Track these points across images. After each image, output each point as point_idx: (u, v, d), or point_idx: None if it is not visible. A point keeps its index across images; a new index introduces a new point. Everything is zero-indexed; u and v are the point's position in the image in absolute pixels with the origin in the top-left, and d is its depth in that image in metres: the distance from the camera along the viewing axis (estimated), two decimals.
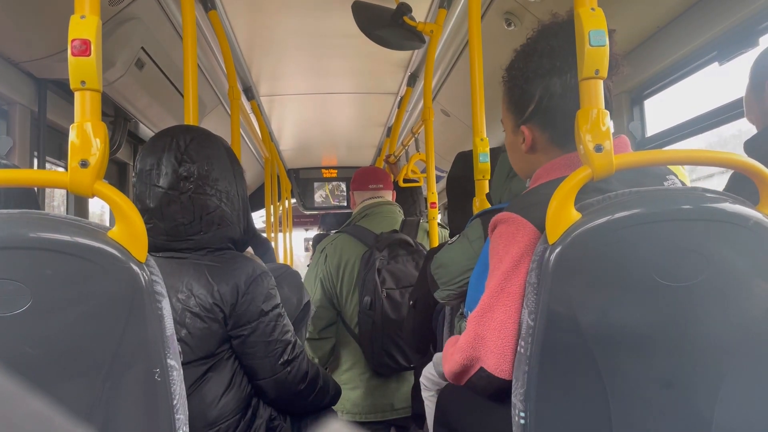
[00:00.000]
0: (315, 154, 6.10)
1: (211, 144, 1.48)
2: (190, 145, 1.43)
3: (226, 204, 1.46)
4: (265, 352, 1.45)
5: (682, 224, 0.98)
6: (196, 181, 1.41)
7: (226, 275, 1.41)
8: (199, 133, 1.48)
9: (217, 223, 1.44)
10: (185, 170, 1.41)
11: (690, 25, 1.96)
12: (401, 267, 2.49)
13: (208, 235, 1.43)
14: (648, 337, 0.97)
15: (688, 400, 0.99)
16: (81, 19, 0.91)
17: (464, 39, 2.98)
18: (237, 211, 1.49)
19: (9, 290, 0.89)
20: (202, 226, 1.42)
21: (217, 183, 1.44)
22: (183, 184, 1.40)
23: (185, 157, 1.41)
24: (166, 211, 1.40)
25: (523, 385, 1.01)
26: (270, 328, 1.46)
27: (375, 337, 2.44)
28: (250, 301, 1.42)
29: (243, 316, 1.41)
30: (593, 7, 0.99)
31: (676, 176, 1.19)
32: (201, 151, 1.44)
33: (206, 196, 1.42)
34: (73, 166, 0.91)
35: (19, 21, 2.05)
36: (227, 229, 1.47)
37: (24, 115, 2.38)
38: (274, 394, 1.50)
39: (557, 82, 1.18)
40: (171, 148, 1.42)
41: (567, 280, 0.97)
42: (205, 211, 1.42)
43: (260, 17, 2.85)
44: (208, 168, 1.43)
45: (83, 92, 0.91)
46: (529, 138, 1.27)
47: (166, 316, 0.98)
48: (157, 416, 0.97)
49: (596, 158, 0.97)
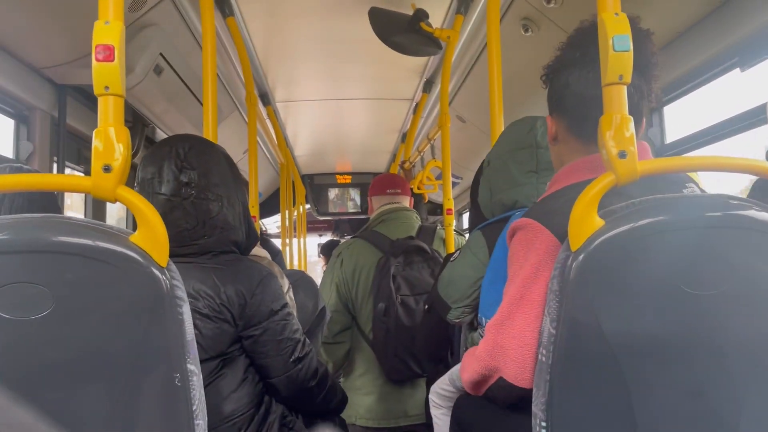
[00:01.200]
0: (329, 160, 6.11)
1: (209, 151, 1.51)
2: (189, 153, 1.46)
3: (228, 208, 1.48)
4: (277, 351, 1.48)
5: (708, 232, 0.97)
6: (197, 186, 1.44)
7: (233, 277, 1.43)
8: (197, 141, 1.52)
9: (221, 227, 1.47)
10: (186, 177, 1.44)
11: (710, 30, 1.93)
12: (416, 274, 2.48)
13: (212, 239, 1.46)
14: (673, 346, 0.96)
15: (713, 410, 0.97)
16: (105, 24, 0.92)
17: (481, 45, 2.98)
18: (238, 215, 1.52)
19: (31, 294, 0.89)
20: (205, 231, 1.45)
21: (218, 188, 1.47)
22: (185, 190, 1.43)
23: (185, 164, 1.45)
24: (169, 217, 1.41)
25: (544, 394, 0.99)
26: (280, 327, 1.49)
27: (389, 344, 2.43)
28: (259, 302, 1.45)
29: (253, 317, 1.44)
30: (617, 11, 0.98)
31: (696, 184, 1.17)
32: (200, 158, 1.47)
33: (208, 201, 1.45)
34: (96, 170, 0.91)
35: (39, 27, 2.07)
36: (230, 233, 1.49)
37: (44, 121, 2.41)
38: (286, 391, 1.53)
39: (578, 73, 1.19)
40: (171, 156, 1.45)
41: (590, 288, 0.95)
42: (208, 215, 1.45)
43: (277, 23, 2.86)
44: (207, 174, 1.46)
45: (106, 97, 0.92)
46: (552, 128, 1.28)
47: (186, 321, 0.97)
48: (177, 421, 0.96)
49: (620, 164, 0.96)
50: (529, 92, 2.99)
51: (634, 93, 1.14)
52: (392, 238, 2.57)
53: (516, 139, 1.64)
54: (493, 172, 1.67)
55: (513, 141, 1.64)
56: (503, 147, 1.67)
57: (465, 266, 1.62)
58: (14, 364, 0.90)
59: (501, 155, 1.66)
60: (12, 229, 0.91)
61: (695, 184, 1.16)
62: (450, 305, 1.65)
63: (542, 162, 1.59)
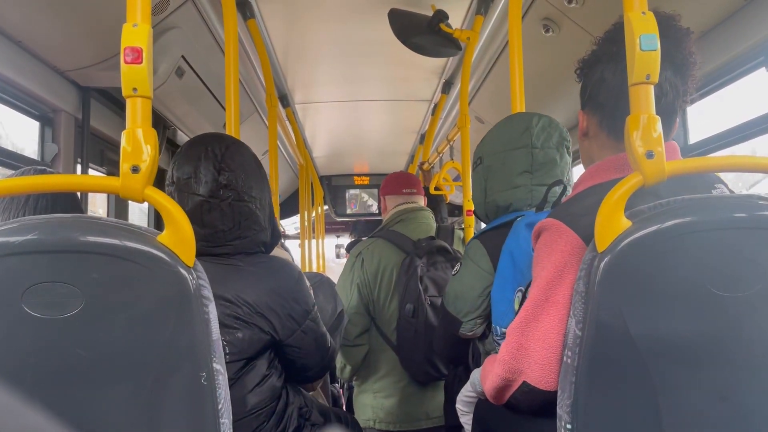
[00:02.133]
0: (347, 161, 6.13)
1: (244, 152, 1.53)
2: (226, 154, 1.48)
3: (260, 209, 1.51)
4: (316, 347, 1.55)
5: (736, 233, 0.95)
6: (235, 188, 1.46)
7: (271, 277, 1.47)
8: (232, 142, 1.54)
9: (254, 229, 1.49)
10: (224, 178, 1.45)
11: (735, 30, 1.91)
12: (441, 274, 2.46)
13: (246, 241, 1.48)
14: (702, 349, 0.94)
15: (743, 414, 0.96)
16: (133, 27, 0.93)
17: (500, 45, 2.97)
18: (267, 216, 1.55)
19: (62, 293, 0.91)
20: (240, 232, 1.47)
21: (252, 190, 1.49)
22: (223, 191, 1.44)
23: (223, 165, 1.46)
24: (206, 218, 1.43)
25: (570, 396, 0.99)
26: (317, 323, 1.55)
27: (417, 345, 2.40)
28: (296, 303, 1.49)
29: (292, 320, 1.47)
30: (644, 11, 0.97)
31: (726, 184, 1.16)
32: (236, 159, 1.49)
33: (244, 203, 1.47)
34: (125, 171, 0.92)
35: (64, 30, 2.10)
36: (262, 234, 1.52)
37: (68, 123, 2.45)
38: (315, 377, 1.62)
39: (612, 67, 1.17)
40: (208, 156, 1.46)
41: (617, 290, 0.95)
42: (244, 217, 1.47)
43: (297, 25, 2.87)
44: (244, 176, 1.48)
45: (135, 99, 0.93)
46: (583, 123, 1.27)
47: (212, 320, 0.98)
48: (203, 420, 0.97)
49: (647, 164, 0.95)
50: (550, 93, 2.98)
51: (669, 90, 1.13)
52: (413, 238, 2.55)
53: (511, 139, 1.63)
54: (487, 171, 1.67)
55: (508, 140, 1.64)
56: (497, 145, 1.66)
57: (470, 278, 1.61)
58: (43, 362, 0.92)
59: (496, 154, 1.66)
60: (41, 229, 0.92)
61: (724, 185, 1.14)
62: (461, 319, 1.63)
63: (536, 162, 1.60)
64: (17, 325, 0.90)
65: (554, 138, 1.62)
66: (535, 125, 1.62)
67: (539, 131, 1.61)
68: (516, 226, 1.45)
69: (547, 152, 1.61)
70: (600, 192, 1.01)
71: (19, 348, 0.91)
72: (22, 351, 0.91)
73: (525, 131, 1.62)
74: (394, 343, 2.49)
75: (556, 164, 1.61)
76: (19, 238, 0.90)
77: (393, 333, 2.49)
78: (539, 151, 1.60)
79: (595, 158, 1.24)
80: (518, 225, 1.44)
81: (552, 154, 1.61)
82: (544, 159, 1.60)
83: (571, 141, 1.65)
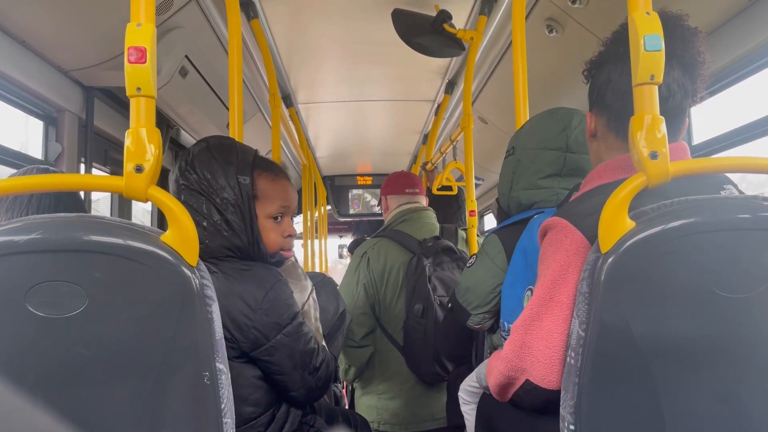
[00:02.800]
0: (350, 162, 6.13)
1: (223, 151, 1.45)
2: (198, 156, 1.42)
3: (232, 213, 1.41)
4: (293, 365, 1.39)
5: (740, 234, 0.95)
6: (199, 190, 1.40)
7: (238, 286, 1.35)
8: (212, 142, 1.47)
9: (222, 232, 1.40)
10: (185, 180, 1.40)
11: (741, 28, 1.90)
12: (448, 274, 2.45)
13: (214, 245, 1.40)
14: (705, 350, 0.94)
15: (745, 416, 0.95)
16: (137, 27, 0.93)
17: (504, 45, 2.96)
18: (246, 221, 1.44)
19: (65, 292, 0.91)
20: (206, 236, 1.39)
21: (223, 191, 1.41)
22: (184, 194, 1.40)
23: (188, 167, 1.41)
24: None
25: (573, 396, 0.98)
26: (296, 339, 1.39)
27: (427, 346, 2.38)
28: (264, 315, 1.35)
29: (257, 332, 1.34)
30: (648, 11, 0.97)
31: (735, 185, 1.15)
32: (208, 161, 1.42)
33: (210, 205, 1.40)
34: (129, 171, 0.92)
35: (68, 30, 2.11)
36: (234, 239, 1.42)
37: (72, 122, 2.45)
38: (306, 399, 1.47)
39: (619, 68, 1.17)
40: (180, 156, 1.43)
41: (620, 291, 0.94)
42: (209, 219, 1.39)
43: (300, 25, 2.88)
44: (211, 177, 1.40)
45: (138, 98, 0.93)
46: (591, 124, 1.27)
47: (215, 320, 0.98)
48: (206, 419, 0.97)
49: (651, 165, 0.95)
50: (554, 93, 2.97)
51: (677, 91, 1.13)
52: (418, 238, 2.54)
53: (546, 137, 1.57)
54: (517, 165, 1.62)
55: (543, 138, 1.58)
56: (531, 141, 1.61)
57: (483, 272, 1.60)
58: (47, 361, 0.92)
59: (528, 150, 1.60)
60: (45, 228, 0.93)
61: (734, 186, 1.14)
62: (470, 312, 1.63)
63: (568, 166, 1.55)
64: (20, 324, 0.90)
65: None
66: (575, 127, 1.55)
67: (578, 134, 1.55)
68: (532, 223, 1.43)
69: (581, 157, 1.55)
70: (606, 192, 1.01)
71: (23, 347, 0.91)
72: (26, 350, 0.91)
73: (562, 131, 1.55)
74: (400, 344, 2.47)
75: (587, 170, 1.52)
76: (23, 237, 0.91)
77: (399, 333, 2.47)
78: (573, 156, 1.54)
79: (603, 159, 1.24)
80: (534, 223, 1.42)
81: (585, 159, 1.54)
82: (576, 164, 1.55)
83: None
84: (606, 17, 2.24)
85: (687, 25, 1.14)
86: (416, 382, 2.49)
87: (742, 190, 1.15)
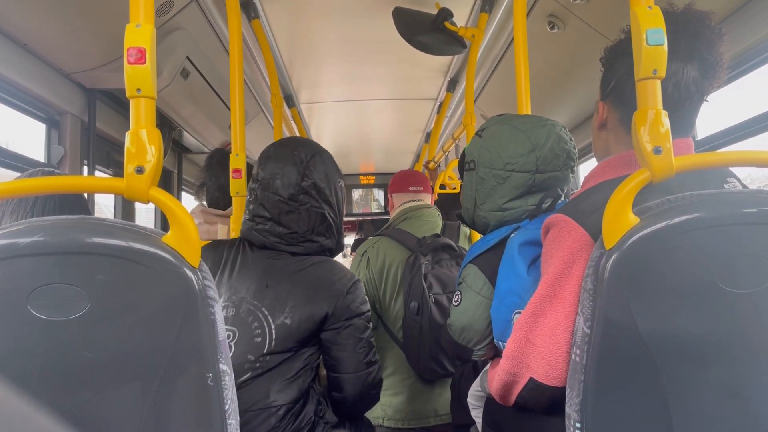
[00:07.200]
0: (353, 161, 6.12)
1: (327, 161, 1.64)
2: (311, 161, 1.58)
3: (333, 218, 1.62)
4: (353, 349, 1.58)
5: (745, 228, 0.94)
6: (315, 195, 1.58)
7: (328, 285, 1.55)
8: (318, 150, 1.64)
9: (325, 235, 1.61)
10: (306, 184, 1.56)
11: (747, 20, 1.89)
12: (446, 272, 2.45)
13: (315, 245, 1.60)
14: (711, 346, 0.93)
15: (752, 411, 0.95)
16: (136, 28, 0.93)
17: (505, 43, 2.95)
18: (339, 225, 1.66)
19: (67, 295, 0.91)
20: (313, 236, 1.59)
21: (330, 198, 1.61)
22: (303, 196, 1.55)
23: (307, 172, 1.56)
24: (284, 218, 1.55)
25: (578, 394, 0.98)
26: (362, 327, 1.60)
27: (423, 343, 2.39)
28: (349, 303, 1.56)
29: (341, 315, 1.55)
30: (650, 5, 0.96)
31: (738, 179, 1.14)
32: (319, 167, 1.59)
33: (321, 210, 1.59)
34: (129, 172, 0.92)
35: (69, 33, 2.11)
36: (329, 241, 1.64)
37: (75, 125, 2.45)
38: (351, 390, 1.60)
39: None
40: (294, 161, 1.56)
41: (625, 287, 0.94)
42: (318, 223, 1.59)
43: (301, 25, 2.87)
44: (324, 184, 1.59)
45: (138, 100, 0.93)
46: (603, 114, 1.25)
47: (218, 321, 0.98)
48: (210, 421, 0.97)
49: (655, 160, 0.94)
50: (556, 90, 2.96)
51: (695, 92, 1.12)
52: (418, 236, 2.55)
53: (514, 159, 1.47)
54: (480, 183, 1.54)
55: (510, 159, 1.48)
56: (497, 161, 1.50)
57: (474, 308, 1.50)
58: (50, 364, 0.92)
59: (493, 170, 1.51)
60: (47, 230, 0.92)
61: (737, 180, 1.13)
62: (471, 348, 1.59)
63: (537, 186, 1.48)
64: (24, 327, 0.90)
65: (561, 159, 1.48)
66: (543, 145, 1.46)
67: (547, 153, 1.46)
68: (509, 246, 1.36)
69: (551, 176, 1.48)
70: (609, 188, 1.00)
71: (26, 349, 0.91)
72: (29, 352, 0.91)
73: (530, 152, 1.46)
74: (401, 341, 2.49)
75: (557, 184, 1.50)
76: (26, 239, 0.90)
77: (399, 331, 2.49)
78: (542, 176, 1.47)
79: (611, 150, 1.23)
80: (511, 245, 1.36)
81: (555, 176, 1.49)
82: (545, 183, 1.48)
83: (576, 151, 1.54)
84: (608, 13, 2.23)
85: (713, 25, 1.11)
86: (418, 379, 2.51)
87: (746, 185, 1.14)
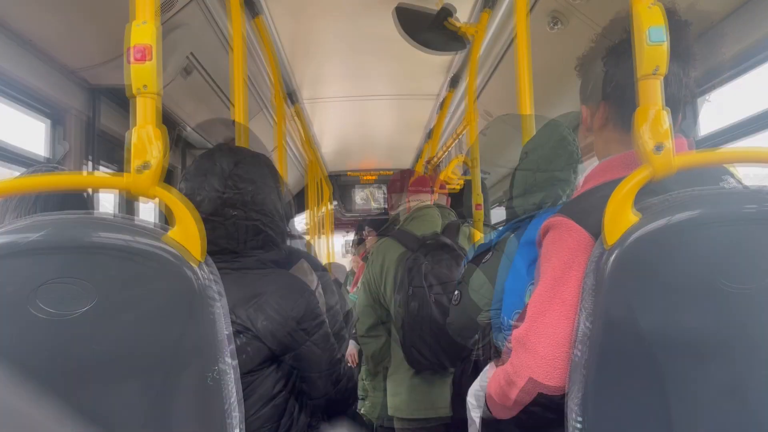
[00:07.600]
0: (355, 158, 6.13)
1: (258, 166, 1.45)
2: (236, 169, 1.40)
3: (271, 227, 1.43)
4: (319, 369, 1.44)
5: (746, 226, 0.95)
6: (242, 207, 1.39)
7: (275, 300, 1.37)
8: (246, 155, 1.46)
9: (263, 248, 1.42)
10: (230, 196, 1.38)
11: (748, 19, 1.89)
12: (445, 271, 2.47)
13: (252, 260, 1.41)
14: (711, 343, 0.94)
15: (752, 408, 0.95)
16: (141, 25, 0.93)
17: (507, 40, 2.95)
18: (282, 233, 1.47)
19: (70, 292, 0.91)
20: (247, 252, 1.40)
21: (264, 206, 1.42)
22: (227, 210, 1.38)
23: (229, 183, 1.39)
24: (210, 236, 1.29)
25: (580, 390, 0.98)
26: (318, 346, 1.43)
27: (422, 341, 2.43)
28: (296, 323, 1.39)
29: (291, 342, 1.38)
30: (651, 3, 0.96)
31: (733, 176, 1.15)
32: (247, 175, 1.41)
33: (251, 222, 1.40)
34: (134, 168, 0.92)
35: (73, 30, 2.11)
36: (271, 253, 1.45)
37: (78, 122, 2.46)
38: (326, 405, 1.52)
39: (613, 60, 1.16)
40: (215, 172, 1.39)
41: (626, 284, 0.94)
42: (250, 236, 1.40)
43: (303, 22, 2.88)
44: (254, 192, 1.40)
45: (143, 97, 0.93)
46: (600, 116, 1.24)
47: (219, 319, 0.98)
48: (212, 417, 0.97)
49: (656, 158, 0.94)
50: (558, 87, 2.96)
51: (673, 82, 1.12)
52: (418, 235, 2.58)
53: (559, 138, 1.61)
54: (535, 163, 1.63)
55: (556, 139, 1.62)
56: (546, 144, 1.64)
57: (473, 308, 1.58)
58: (53, 360, 0.92)
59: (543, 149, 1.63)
60: (50, 227, 0.93)
61: (731, 176, 1.13)
62: (482, 307, 1.62)
63: (538, 184, 1.58)
64: (27, 324, 0.90)
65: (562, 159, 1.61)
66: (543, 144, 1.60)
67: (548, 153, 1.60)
68: (509, 246, 1.45)
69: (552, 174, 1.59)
70: (609, 190, 1.00)
71: (30, 346, 0.91)
72: (33, 348, 0.91)
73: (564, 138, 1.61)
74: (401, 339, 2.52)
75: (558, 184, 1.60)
76: (30, 236, 0.91)
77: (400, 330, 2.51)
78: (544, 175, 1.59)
79: (611, 150, 1.23)
80: (511, 245, 1.44)
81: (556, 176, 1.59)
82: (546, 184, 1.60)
83: (581, 155, 1.64)
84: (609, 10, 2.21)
85: (678, 17, 1.12)
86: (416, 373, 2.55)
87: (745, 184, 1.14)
